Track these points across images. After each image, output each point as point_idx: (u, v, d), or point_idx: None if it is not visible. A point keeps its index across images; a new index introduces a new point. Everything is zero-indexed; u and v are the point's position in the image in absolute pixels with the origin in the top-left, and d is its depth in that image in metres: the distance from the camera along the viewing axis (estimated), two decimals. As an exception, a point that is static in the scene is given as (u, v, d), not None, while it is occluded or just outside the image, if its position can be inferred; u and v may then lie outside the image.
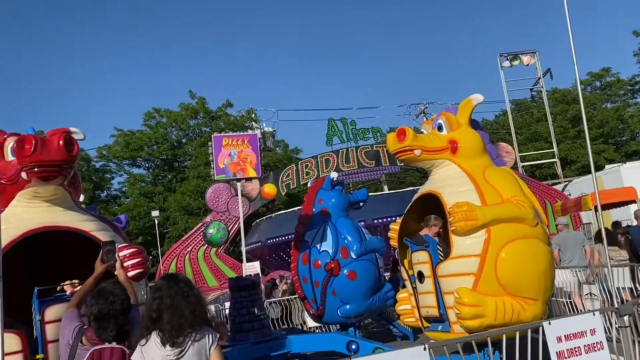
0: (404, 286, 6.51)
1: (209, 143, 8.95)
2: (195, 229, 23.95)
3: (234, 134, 10.53)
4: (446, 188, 5.54)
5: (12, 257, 3.85)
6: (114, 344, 2.86)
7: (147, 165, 36.47)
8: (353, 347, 6.57)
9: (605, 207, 12.53)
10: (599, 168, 27.88)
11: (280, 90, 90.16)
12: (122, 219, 8.00)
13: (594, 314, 3.34)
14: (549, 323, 3.21)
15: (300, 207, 9.13)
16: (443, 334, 5.45)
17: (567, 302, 8.52)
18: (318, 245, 7.95)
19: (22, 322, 3.83)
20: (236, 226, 22.85)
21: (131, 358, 2.75)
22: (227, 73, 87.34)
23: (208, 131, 34.07)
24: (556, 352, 3.09)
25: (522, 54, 30.16)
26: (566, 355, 3.13)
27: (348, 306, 7.61)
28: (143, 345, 2.71)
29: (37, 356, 3.53)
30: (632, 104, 36.63)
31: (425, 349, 2.80)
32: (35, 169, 3.74)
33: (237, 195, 22.23)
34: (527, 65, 30.39)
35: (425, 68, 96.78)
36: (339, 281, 7.61)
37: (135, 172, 36.07)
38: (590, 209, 11.73)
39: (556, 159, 29.38)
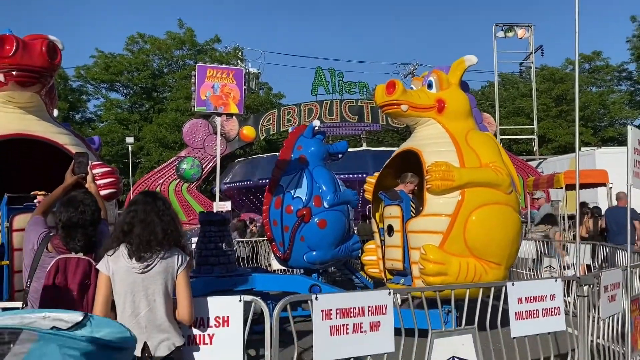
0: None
1: (193, 72, 8.69)
2: (169, 162, 23.74)
3: (220, 65, 10.20)
4: (427, 147, 5.55)
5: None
6: (80, 255, 2.82)
7: (125, 91, 35.59)
8: (316, 290, 6.69)
9: (574, 187, 12.84)
10: (574, 150, 28.41)
11: (270, 32, 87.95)
12: (95, 140, 7.82)
13: (555, 280, 3.46)
14: (512, 284, 3.31)
15: (277, 153, 9.08)
16: (405, 287, 5.59)
17: (527, 273, 8.83)
18: (292, 191, 7.96)
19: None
20: (210, 164, 22.71)
21: (97, 267, 2.73)
22: (218, 7, 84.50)
23: (192, 64, 33.25)
24: (515, 312, 3.20)
25: (517, 26, 29.93)
26: (524, 317, 3.25)
27: (315, 253, 7.70)
28: (110, 256, 2.70)
29: (2, 262, 3.49)
30: (616, 90, 36.99)
31: (390, 293, 2.86)
32: (14, 72, 3.56)
33: (214, 133, 22.05)
34: (521, 38, 30.24)
35: (420, 29, 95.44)
36: (308, 228, 7.67)
37: (113, 97, 35.21)
38: (562, 187, 11.99)
39: (534, 136, 29.71)
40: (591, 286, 3.53)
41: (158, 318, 2.67)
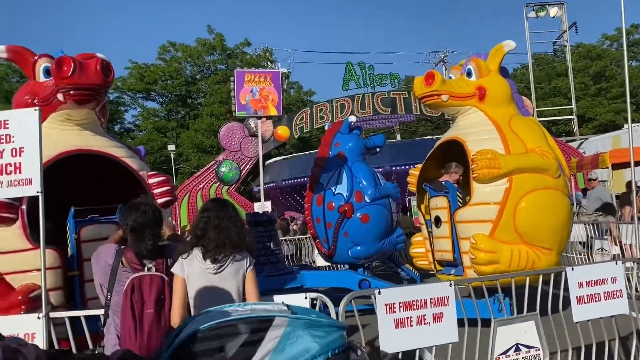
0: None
1: (231, 79, 8.86)
2: (207, 166, 24.15)
3: (257, 69, 10.25)
4: (471, 135, 5.53)
5: (45, 178, 3.93)
6: (152, 271, 2.94)
7: (160, 99, 36.36)
8: (365, 285, 6.75)
9: (620, 166, 12.46)
10: (617, 127, 27.50)
11: (297, 30, 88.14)
12: (140, 149, 8.09)
13: (616, 263, 3.42)
14: (572, 269, 3.29)
15: (314, 151, 9.14)
16: (456, 277, 5.58)
17: (577, 257, 8.67)
18: (333, 188, 8.02)
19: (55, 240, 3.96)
20: (248, 166, 23.01)
21: (172, 270, 2.88)
22: (246, 10, 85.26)
23: (223, 69, 33.71)
24: (576, 297, 3.18)
25: (549, 4, 29.12)
26: (586, 301, 3.23)
27: (359, 248, 7.75)
28: (185, 259, 2.85)
29: (73, 272, 3.68)
30: (657, 63, 35.65)
31: (451, 285, 2.90)
32: (72, 92, 3.76)
33: (250, 135, 22.30)
34: (554, 17, 29.41)
35: (448, 15, 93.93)
36: (351, 223, 7.72)
37: (149, 106, 36.03)
38: (607, 167, 11.64)
39: (574, 116, 28.91)
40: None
41: None
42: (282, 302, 1.71)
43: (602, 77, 34.07)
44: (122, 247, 3.08)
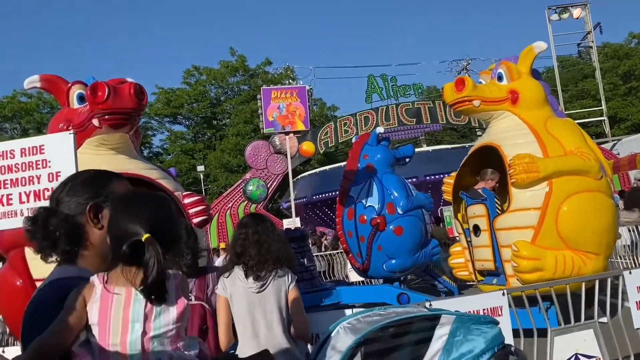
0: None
1: (258, 96, 8.91)
2: (235, 185, 24.32)
3: (283, 86, 10.32)
4: (506, 140, 5.40)
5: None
6: (192, 299, 2.87)
7: (187, 122, 36.96)
8: (404, 299, 6.62)
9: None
10: (651, 126, 26.76)
11: (317, 47, 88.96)
12: (172, 171, 8.17)
13: (675, 264, 3.25)
14: (630, 272, 3.14)
15: (342, 164, 9.04)
16: (498, 287, 5.41)
17: (622, 262, 8.37)
18: (364, 201, 7.93)
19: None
20: (275, 183, 23.10)
21: (216, 291, 2.82)
22: (266, 30, 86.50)
23: (247, 89, 34.13)
24: (636, 302, 3.03)
25: (572, 6, 28.72)
26: (646, 305, 3.07)
27: (394, 261, 7.61)
28: (227, 278, 2.80)
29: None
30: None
31: (504, 294, 2.78)
32: (107, 116, 3.80)
33: (276, 152, 22.40)
34: (577, 18, 28.96)
35: (468, 22, 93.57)
36: (385, 236, 7.60)
37: (176, 130, 36.64)
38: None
39: (604, 117, 28.26)
40: None
41: (277, 337, 2.72)
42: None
43: (632, 76, 33.31)
44: None
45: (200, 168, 23.02)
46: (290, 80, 33.69)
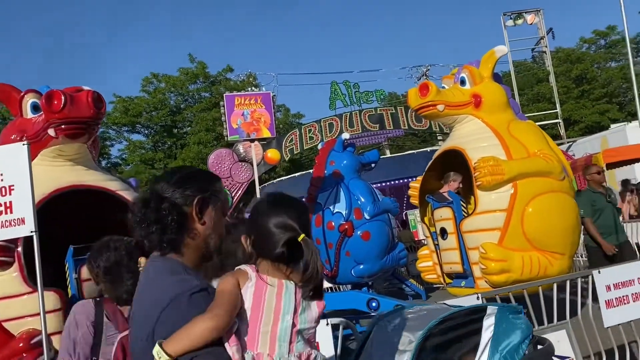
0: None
1: (221, 103, 8.76)
2: (198, 195, 23.93)
3: (247, 92, 10.18)
4: (470, 143, 5.46)
5: (40, 217, 3.78)
6: None
7: (146, 131, 36.22)
8: (374, 304, 6.59)
9: (612, 165, 12.56)
10: (603, 128, 27.77)
11: (279, 54, 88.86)
12: (132, 182, 7.95)
13: (641, 262, 3.33)
14: (599, 272, 3.18)
15: (308, 171, 9.01)
16: (467, 289, 5.45)
17: (582, 260, 8.58)
18: (331, 207, 7.90)
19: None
20: (239, 192, 22.86)
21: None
22: (226, 37, 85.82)
23: (208, 96, 33.74)
24: (605, 301, 3.07)
25: (526, 12, 29.60)
26: (615, 304, 3.12)
27: (362, 266, 7.60)
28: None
29: (74, 314, 3.49)
30: (636, 62, 36.21)
31: (478, 297, 2.77)
32: (64, 126, 3.62)
33: (240, 161, 22.18)
34: (531, 24, 29.86)
35: (426, 29, 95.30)
36: (352, 242, 7.59)
37: (135, 139, 35.85)
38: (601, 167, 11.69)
39: (559, 120, 29.16)
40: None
41: None
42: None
43: (584, 80, 34.56)
44: (98, 299, 2.70)
45: (163, 178, 22.53)
46: (253, 87, 33.49)
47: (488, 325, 1.62)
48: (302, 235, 1.51)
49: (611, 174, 13.32)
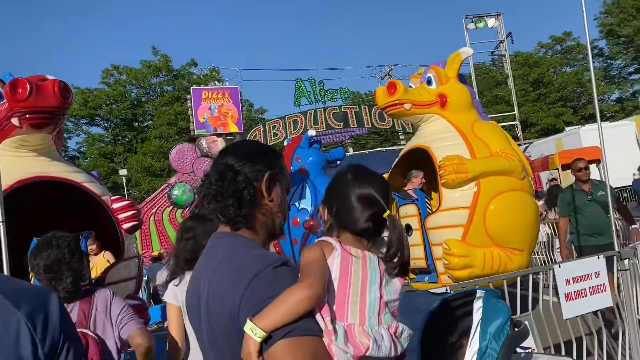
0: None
1: (188, 97, 8.63)
2: (159, 190, 23.52)
3: (214, 87, 10.05)
4: (435, 142, 5.57)
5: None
6: (81, 329, 2.55)
7: (105, 124, 35.36)
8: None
9: (568, 166, 13.02)
10: (558, 130, 28.77)
11: (244, 49, 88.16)
12: (94, 175, 7.78)
13: (598, 258, 3.48)
14: (559, 266, 3.32)
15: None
16: (430, 284, 5.58)
17: (538, 257, 8.88)
18: (297, 203, 7.92)
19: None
20: (202, 187, 22.63)
21: (164, 298, 2.66)
22: (191, 31, 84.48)
23: (170, 90, 33.20)
24: (565, 294, 3.21)
25: (487, 16, 30.33)
26: (573, 297, 3.26)
27: (327, 262, 7.67)
28: (177, 286, 2.64)
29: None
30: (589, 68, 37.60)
31: (447, 290, 2.86)
32: (28, 115, 3.51)
33: (203, 156, 21.89)
34: (492, 27, 30.63)
35: (392, 29, 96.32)
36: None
37: (94, 132, 34.94)
38: (557, 168, 12.13)
39: (517, 122, 30.03)
40: (630, 259, 3.57)
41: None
42: None
43: (541, 83, 35.65)
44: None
45: (123, 172, 22.04)
46: (216, 82, 33.10)
47: (477, 307, 1.71)
48: (388, 212, 1.48)
49: (565, 175, 13.78)
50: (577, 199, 5.89)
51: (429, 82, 5.79)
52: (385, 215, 1.47)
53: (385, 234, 1.50)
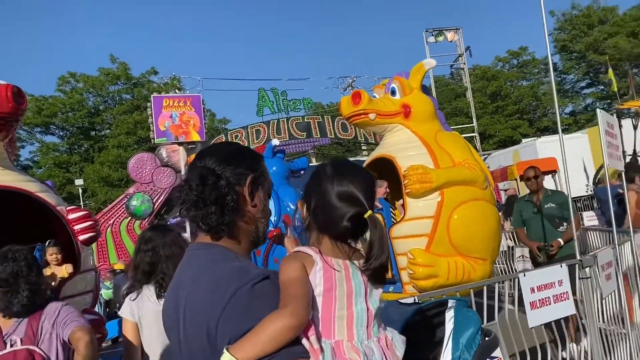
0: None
1: (148, 104, 8.43)
2: (117, 200, 22.90)
3: (176, 94, 9.81)
4: (400, 152, 5.59)
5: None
6: (17, 344, 2.37)
7: (61, 133, 34.29)
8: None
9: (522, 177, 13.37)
10: (515, 142, 29.60)
11: (206, 58, 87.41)
12: (49, 184, 7.48)
13: (561, 266, 3.53)
14: (524, 275, 3.35)
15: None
16: (395, 294, 5.56)
17: (498, 266, 9.03)
18: (260, 213, 7.84)
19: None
20: (161, 198, 22.10)
21: (120, 313, 2.53)
22: (151, 39, 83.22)
23: (129, 99, 32.52)
24: (530, 302, 3.23)
25: (446, 30, 31.05)
26: (538, 305, 3.29)
27: (291, 273, 7.58)
28: (134, 300, 2.51)
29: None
30: (545, 82, 38.97)
31: (415, 300, 2.83)
32: (-22, 121, 3.32)
33: (162, 165, 21.47)
34: (451, 41, 31.38)
35: (354, 41, 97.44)
36: (281, 248, 7.54)
37: (49, 141, 33.83)
38: (516, 178, 12.40)
39: (476, 134, 30.74)
40: (591, 267, 3.63)
41: None
42: None
43: (498, 96, 36.68)
44: None
45: (79, 182, 21.35)
46: (177, 91, 32.62)
47: (449, 317, 1.70)
48: (369, 212, 1.37)
49: (522, 185, 14.14)
50: (525, 211, 6.03)
51: (393, 92, 5.82)
52: (366, 215, 1.38)
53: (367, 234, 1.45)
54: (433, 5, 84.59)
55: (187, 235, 11.11)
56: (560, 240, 5.58)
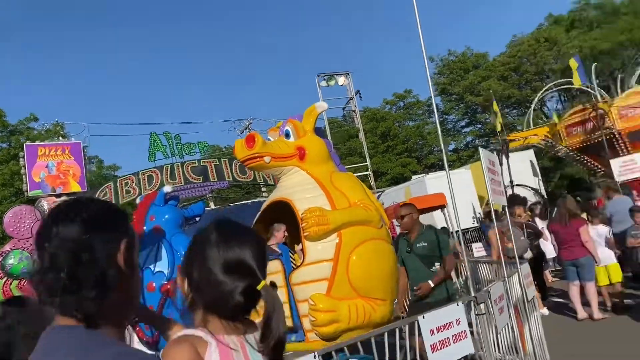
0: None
1: (21, 154, 7.67)
2: (-9, 259, 20.65)
3: (52, 142, 9.08)
4: (296, 194, 5.51)
5: None
6: None
7: None
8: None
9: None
10: (406, 179, 31.03)
11: (91, 103, 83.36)
12: None
13: (457, 304, 3.56)
14: (423, 317, 3.31)
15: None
16: (298, 343, 5.36)
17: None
18: (152, 266, 7.31)
19: None
20: (44, 253, 20.32)
21: None
22: (31, 85, 77.95)
23: (6, 147, 29.93)
24: (430, 345, 3.19)
25: (337, 74, 32.24)
26: (439, 347, 3.26)
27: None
28: None
29: None
30: (429, 122, 41.64)
31: (315, 357, 2.67)
32: None
33: (42, 219, 19.79)
34: (342, 85, 32.60)
35: (248, 85, 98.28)
36: (177, 302, 7.09)
37: None
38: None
39: (369, 172, 31.82)
40: (485, 303, 3.71)
41: None
42: None
43: (388, 136, 38.50)
44: None
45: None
46: (60, 138, 30.57)
47: None
48: (263, 282, 1.22)
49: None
50: (401, 250, 6.14)
51: (287, 135, 5.79)
52: (259, 287, 1.22)
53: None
54: (324, 51, 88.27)
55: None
56: (430, 282, 5.71)
